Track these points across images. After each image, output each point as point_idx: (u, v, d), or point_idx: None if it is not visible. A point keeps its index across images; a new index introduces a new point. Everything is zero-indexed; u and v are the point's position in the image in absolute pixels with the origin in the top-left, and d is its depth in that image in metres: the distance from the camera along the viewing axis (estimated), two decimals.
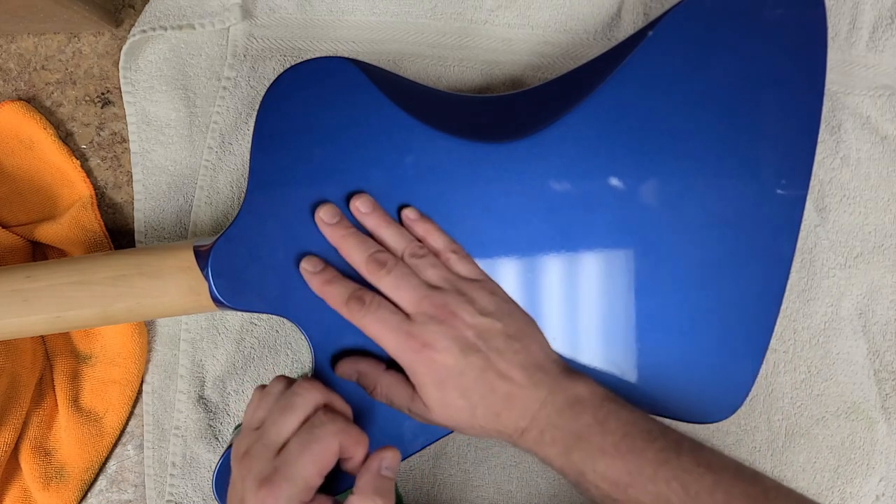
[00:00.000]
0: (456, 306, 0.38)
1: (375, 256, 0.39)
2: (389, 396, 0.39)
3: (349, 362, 0.40)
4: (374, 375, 0.40)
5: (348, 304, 0.38)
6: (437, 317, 0.37)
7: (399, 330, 0.37)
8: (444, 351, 0.37)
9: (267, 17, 0.49)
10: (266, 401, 0.38)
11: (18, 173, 0.50)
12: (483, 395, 0.37)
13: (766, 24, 0.42)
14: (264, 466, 0.34)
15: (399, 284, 0.38)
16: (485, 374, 0.37)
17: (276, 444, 0.35)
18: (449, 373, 0.37)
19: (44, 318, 0.41)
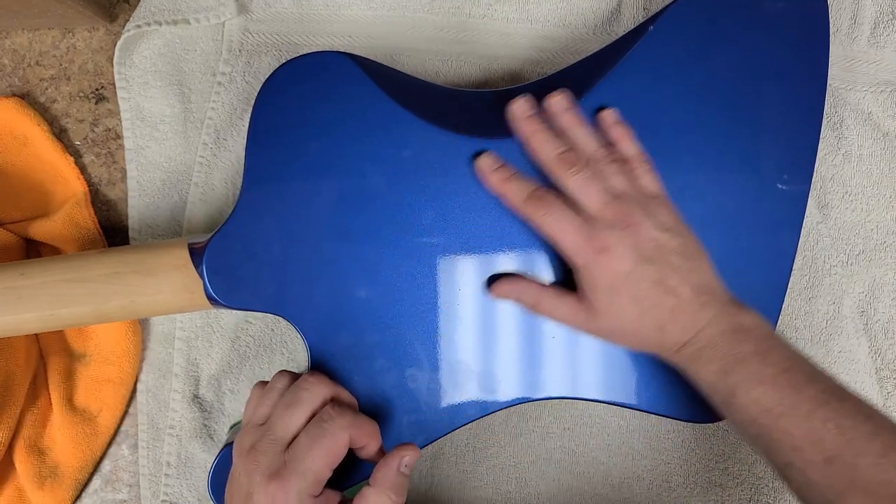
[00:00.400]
0: (638, 217, 0.38)
1: (565, 155, 0.39)
2: (553, 310, 0.40)
3: (508, 282, 0.41)
4: (537, 292, 0.40)
5: (528, 202, 0.39)
6: (619, 224, 0.38)
7: (579, 231, 0.38)
8: (622, 257, 0.37)
9: (262, 11, 0.49)
10: (270, 396, 0.38)
11: (12, 170, 0.49)
12: (652, 305, 0.38)
13: (768, 19, 0.42)
14: (273, 461, 0.34)
15: (585, 186, 0.38)
16: (657, 286, 0.37)
17: (285, 438, 0.35)
18: (624, 279, 0.37)
19: (37, 316, 0.40)
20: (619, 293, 0.38)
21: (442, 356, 0.42)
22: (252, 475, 0.35)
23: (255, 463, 0.35)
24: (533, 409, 0.49)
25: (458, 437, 0.49)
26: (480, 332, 0.42)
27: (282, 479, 0.34)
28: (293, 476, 0.34)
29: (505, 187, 0.40)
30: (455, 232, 0.41)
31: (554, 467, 0.49)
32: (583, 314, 0.39)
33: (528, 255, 0.42)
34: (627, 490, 0.49)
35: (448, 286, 0.42)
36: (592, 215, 0.38)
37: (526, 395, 0.43)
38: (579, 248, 0.38)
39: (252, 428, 0.37)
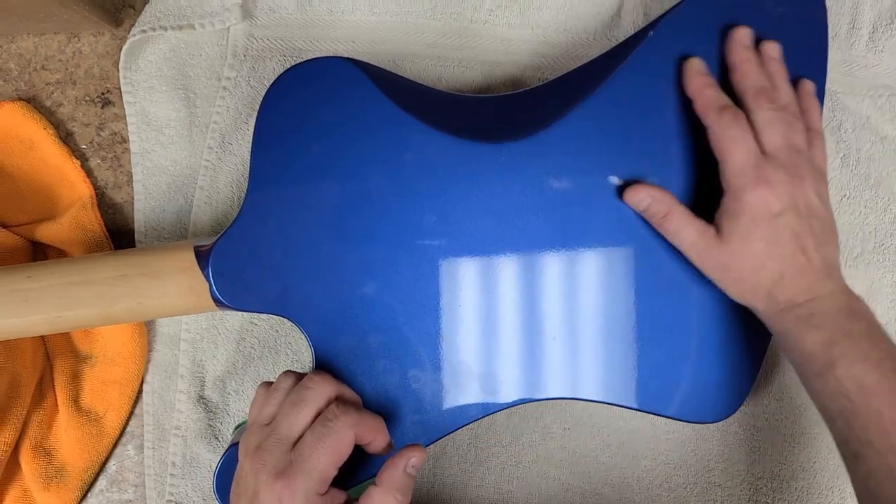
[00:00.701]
0: (806, 174, 0.39)
1: (768, 91, 0.40)
2: (679, 226, 0.40)
3: (643, 187, 0.41)
4: (669, 203, 0.41)
5: (721, 111, 0.40)
6: (788, 169, 0.39)
7: (751, 154, 0.39)
8: (778, 197, 0.38)
9: (267, 17, 0.49)
10: (275, 396, 0.38)
11: (18, 173, 0.50)
12: (782, 254, 0.38)
13: (767, 24, 0.42)
14: (280, 460, 0.35)
15: (775, 123, 0.39)
16: (795, 239, 0.38)
17: (291, 437, 0.36)
18: (769, 217, 0.38)
19: (44, 318, 0.41)
20: (759, 228, 0.38)
21: (444, 357, 0.42)
22: (258, 474, 0.35)
23: (261, 462, 0.35)
24: (534, 410, 0.50)
25: (460, 437, 0.50)
26: (482, 333, 0.42)
27: (288, 478, 0.34)
28: (299, 475, 0.34)
29: (705, 91, 0.41)
30: (457, 234, 0.42)
31: (554, 467, 0.50)
32: (710, 237, 0.40)
33: (532, 259, 0.42)
34: (627, 490, 0.50)
35: (450, 288, 0.42)
36: (768, 151, 0.39)
37: (527, 395, 0.43)
38: (743, 170, 0.39)
39: (258, 428, 0.37)
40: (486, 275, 0.42)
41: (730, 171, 0.39)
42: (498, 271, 0.42)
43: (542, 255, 0.42)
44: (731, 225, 0.39)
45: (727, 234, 0.39)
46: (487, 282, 0.42)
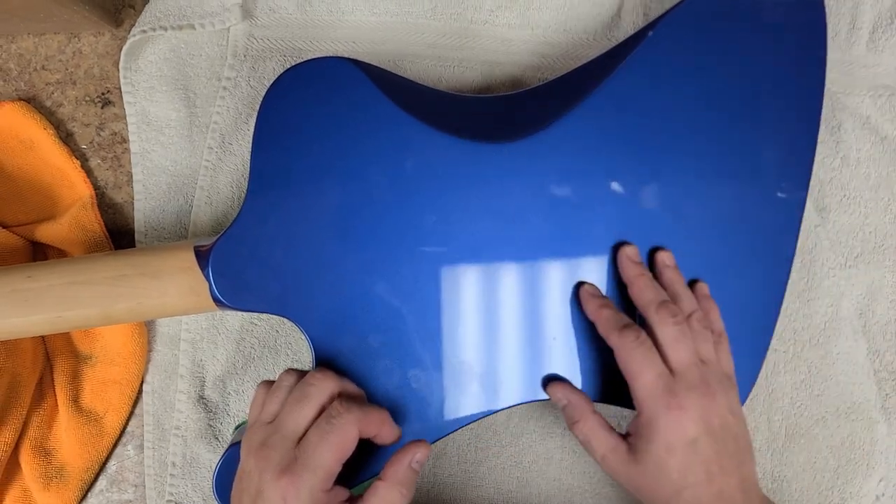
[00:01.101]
0: (716, 390, 0.38)
1: (669, 305, 0.39)
2: (589, 436, 0.40)
3: (563, 388, 0.42)
4: (582, 411, 0.40)
5: (622, 332, 0.39)
6: (699, 389, 0.38)
7: (660, 377, 0.38)
8: (693, 422, 0.37)
9: (267, 17, 0.50)
10: (278, 394, 0.38)
11: (18, 174, 0.50)
12: (699, 481, 0.37)
13: (766, 27, 0.42)
14: (284, 457, 0.35)
15: (680, 340, 0.39)
16: (710, 465, 0.37)
17: (296, 434, 0.36)
18: (685, 444, 0.37)
19: (44, 318, 0.41)
20: (674, 455, 0.37)
21: (445, 357, 0.42)
22: (262, 472, 0.35)
23: (265, 460, 0.35)
24: (534, 410, 0.50)
25: (461, 437, 0.50)
26: (483, 333, 0.42)
27: (293, 475, 0.34)
28: (304, 471, 0.34)
29: (600, 313, 0.40)
30: (457, 234, 0.42)
31: (555, 467, 0.50)
32: (623, 455, 0.39)
33: (533, 259, 0.42)
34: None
35: (450, 287, 0.42)
36: (676, 370, 0.38)
37: (528, 395, 0.43)
38: (654, 395, 0.38)
39: (260, 426, 0.37)
40: (486, 274, 0.42)
41: (640, 394, 0.38)
42: (498, 271, 0.42)
43: (542, 255, 0.42)
44: (645, 448, 0.38)
45: (641, 456, 0.38)
46: (488, 281, 0.42)
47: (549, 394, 0.42)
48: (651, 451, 0.38)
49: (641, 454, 0.38)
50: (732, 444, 0.38)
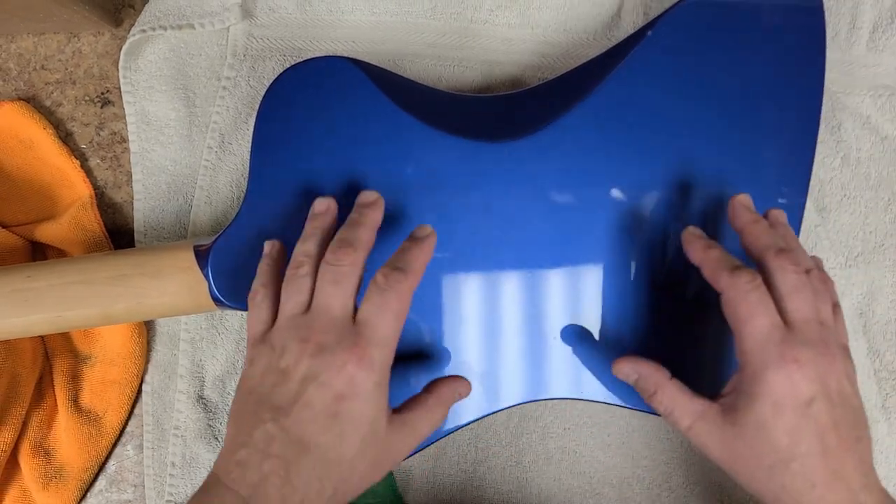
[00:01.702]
0: (836, 355, 0.33)
1: (790, 253, 0.35)
2: (671, 406, 0.35)
3: (629, 361, 0.38)
4: (658, 379, 0.36)
5: (732, 273, 0.34)
6: (817, 346, 0.33)
7: (774, 327, 0.33)
8: (808, 381, 0.32)
9: (267, 16, 0.50)
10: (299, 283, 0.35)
11: (18, 173, 0.50)
12: (812, 453, 0.32)
13: (765, 29, 0.42)
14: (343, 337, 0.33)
15: (802, 290, 0.34)
16: (825, 435, 0.32)
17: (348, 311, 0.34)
18: (796, 403, 0.32)
19: (44, 318, 0.41)
20: (783, 416, 0.32)
21: (445, 357, 0.42)
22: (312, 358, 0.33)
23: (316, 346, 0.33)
24: (534, 409, 0.50)
25: (461, 437, 0.50)
26: (483, 333, 0.43)
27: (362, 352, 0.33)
28: (372, 347, 0.33)
29: (710, 253, 0.36)
30: (457, 234, 0.42)
31: (554, 467, 0.50)
32: (716, 419, 0.34)
33: (533, 258, 0.42)
34: (627, 490, 0.50)
35: (450, 287, 0.42)
36: (794, 322, 0.33)
37: (528, 395, 0.43)
38: (765, 344, 0.33)
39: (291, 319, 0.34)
40: (486, 274, 0.42)
41: (749, 343, 0.33)
42: (498, 270, 0.42)
43: (541, 254, 0.42)
44: (746, 408, 0.33)
45: (741, 419, 0.33)
46: (487, 281, 0.42)
47: (616, 373, 0.38)
48: (755, 409, 0.33)
49: (741, 414, 0.33)
50: (852, 415, 0.33)
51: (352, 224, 0.36)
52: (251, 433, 0.32)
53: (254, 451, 0.32)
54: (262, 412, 0.33)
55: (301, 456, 0.32)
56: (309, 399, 0.32)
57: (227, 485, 0.31)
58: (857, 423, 0.34)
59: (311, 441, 0.32)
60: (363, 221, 0.37)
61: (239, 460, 0.32)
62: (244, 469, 0.32)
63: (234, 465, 0.32)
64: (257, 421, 0.32)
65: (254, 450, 0.32)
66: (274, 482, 0.31)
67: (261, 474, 0.31)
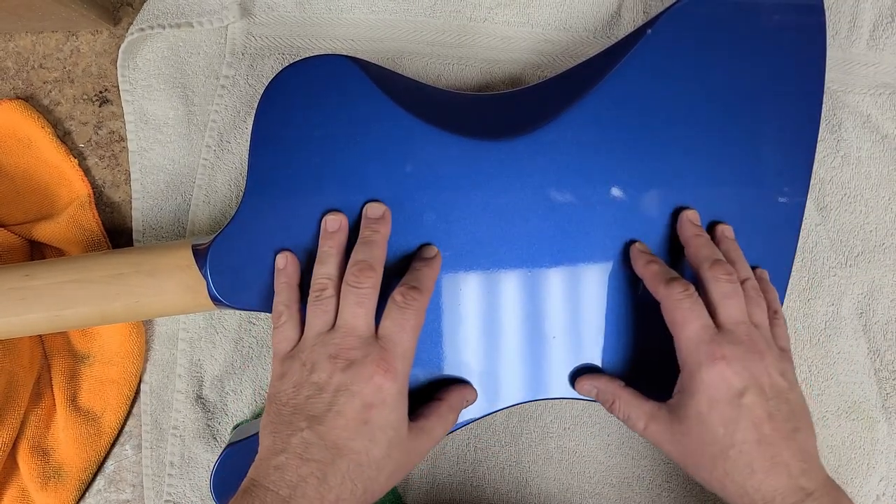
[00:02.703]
0: (766, 352, 0.37)
1: (724, 264, 0.38)
2: (627, 411, 0.39)
3: (588, 378, 0.42)
4: (613, 390, 0.40)
5: (669, 283, 0.38)
6: (746, 345, 0.36)
7: (705, 329, 0.37)
8: (737, 375, 0.35)
9: (265, 15, 0.49)
10: (326, 304, 0.38)
11: (16, 172, 0.50)
12: (746, 440, 0.35)
13: (766, 27, 0.42)
14: (369, 351, 0.36)
15: (733, 296, 0.37)
16: (760, 425, 0.35)
17: (371, 329, 0.38)
18: (729, 397, 0.35)
19: (42, 317, 0.41)
20: (717, 408, 0.35)
21: (444, 356, 0.42)
22: (344, 372, 0.36)
23: (346, 361, 0.36)
24: (533, 409, 0.50)
25: (460, 437, 0.50)
26: (483, 333, 0.42)
27: (388, 364, 0.36)
28: (396, 360, 0.37)
29: (648, 268, 0.40)
30: (456, 232, 0.41)
31: (554, 467, 0.50)
32: (665, 419, 0.38)
33: (532, 256, 0.42)
34: (627, 490, 0.50)
35: (449, 286, 0.42)
36: (724, 325, 0.37)
37: (528, 395, 0.43)
38: (697, 345, 0.36)
39: (318, 337, 0.38)
40: (485, 273, 0.42)
41: (683, 345, 0.37)
42: (497, 269, 0.42)
43: (541, 253, 0.42)
44: (687, 405, 0.36)
45: (683, 415, 0.37)
46: (487, 280, 0.42)
47: (578, 390, 0.42)
48: (693, 405, 0.36)
49: (684, 411, 0.37)
50: (785, 406, 0.36)
51: (366, 243, 0.39)
52: (289, 440, 0.35)
53: (292, 455, 0.35)
54: (297, 421, 0.36)
55: (336, 459, 0.35)
56: (341, 408, 0.35)
57: (267, 486, 0.34)
58: (793, 415, 0.36)
59: (345, 446, 0.35)
60: (375, 239, 0.39)
61: (277, 465, 0.35)
62: (283, 472, 0.34)
63: (273, 469, 0.35)
64: (294, 429, 0.35)
65: (292, 455, 0.35)
66: (312, 483, 0.34)
67: (299, 476, 0.34)
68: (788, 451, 0.35)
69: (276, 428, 0.36)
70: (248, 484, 0.35)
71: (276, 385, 0.38)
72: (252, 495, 0.34)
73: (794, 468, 0.35)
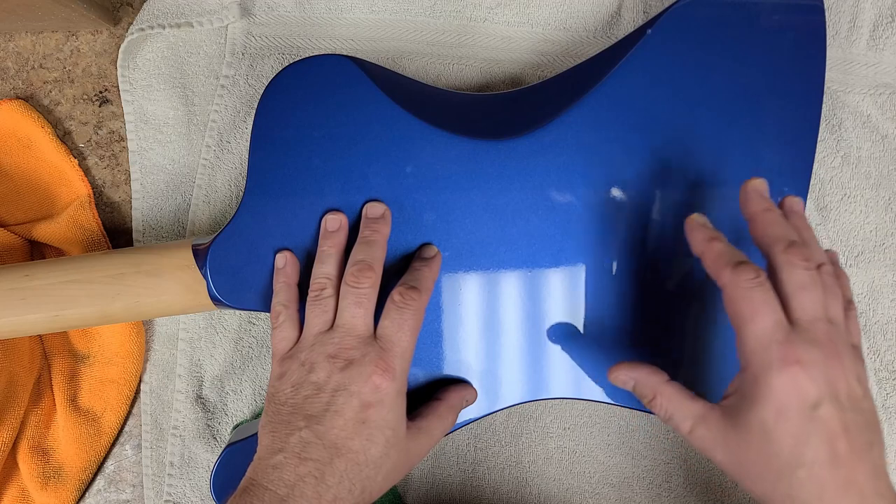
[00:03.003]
0: (845, 356, 0.32)
1: (802, 248, 0.33)
2: (670, 409, 0.35)
3: (625, 367, 0.37)
4: (656, 384, 0.35)
5: (737, 269, 0.32)
6: (824, 346, 0.31)
7: (778, 326, 0.31)
8: (812, 381, 0.31)
9: (265, 15, 0.49)
10: (325, 304, 0.38)
11: (16, 172, 0.50)
12: (819, 460, 0.30)
13: (766, 28, 0.42)
14: (369, 351, 0.37)
15: (811, 287, 0.32)
16: (835, 441, 0.30)
17: (370, 330, 0.38)
18: (802, 407, 0.31)
19: (42, 317, 0.41)
20: (788, 421, 0.31)
21: (444, 356, 0.42)
22: (342, 372, 0.36)
23: (346, 360, 0.36)
24: (533, 409, 0.50)
25: (460, 437, 0.50)
26: (483, 333, 0.42)
27: (386, 364, 0.36)
28: (395, 359, 0.37)
29: (713, 246, 0.34)
30: (456, 232, 0.41)
31: (554, 467, 0.50)
32: (717, 424, 0.33)
33: (533, 256, 0.42)
34: (627, 490, 0.50)
35: (449, 286, 0.42)
36: (799, 321, 0.32)
37: (528, 395, 0.43)
38: (768, 345, 0.31)
39: (317, 337, 0.38)
40: (485, 273, 0.42)
41: (750, 343, 0.32)
42: (497, 269, 0.42)
43: (541, 253, 0.42)
44: (749, 412, 0.32)
45: (744, 423, 0.32)
46: (487, 280, 0.42)
47: (613, 380, 0.37)
48: (757, 413, 0.31)
49: (744, 418, 0.32)
50: (863, 419, 0.31)
51: (366, 242, 0.39)
52: (287, 440, 0.35)
53: (290, 455, 0.35)
54: (296, 421, 0.36)
55: (334, 459, 0.35)
56: (340, 408, 0.35)
57: (265, 485, 0.34)
58: (869, 427, 0.32)
59: (343, 445, 0.35)
60: (375, 239, 0.39)
61: (275, 464, 0.35)
62: (281, 471, 0.34)
63: (271, 468, 0.35)
64: (292, 429, 0.35)
65: (290, 454, 0.35)
66: (310, 482, 0.34)
67: (297, 475, 0.34)
68: (863, 472, 0.31)
69: (275, 427, 0.36)
70: (246, 483, 0.35)
71: (275, 384, 0.38)
72: (250, 494, 0.34)
73: (868, 489, 0.31)
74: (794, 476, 0.31)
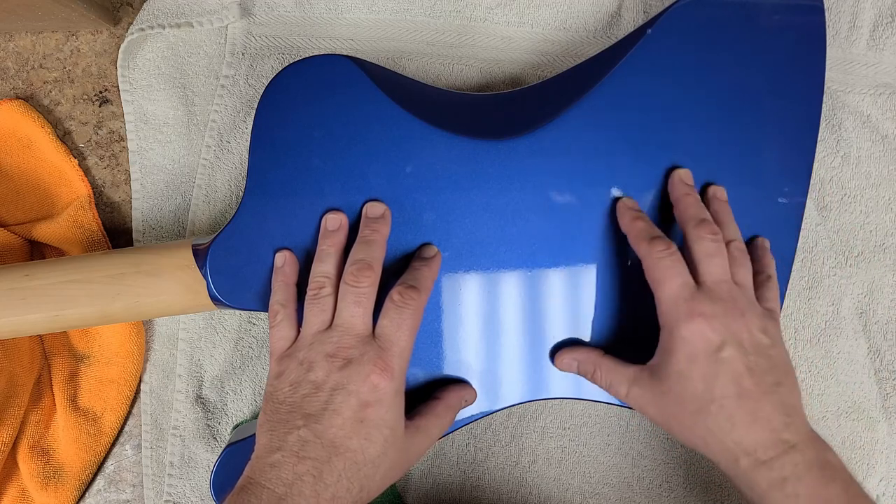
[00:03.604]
0: (746, 311, 0.37)
1: (711, 224, 0.38)
2: (609, 378, 0.39)
3: (567, 351, 0.41)
4: (593, 360, 0.40)
5: (652, 241, 0.38)
6: (726, 304, 0.36)
7: (685, 287, 0.37)
8: (716, 331, 0.35)
9: (265, 15, 0.49)
10: (323, 303, 0.38)
11: (16, 172, 0.50)
12: (726, 395, 0.35)
13: (765, 28, 0.42)
14: (367, 349, 0.37)
15: (716, 255, 0.37)
16: (740, 379, 0.35)
17: (369, 329, 0.38)
18: (708, 352, 0.35)
19: (42, 317, 0.41)
20: (697, 365, 0.35)
21: (444, 356, 0.42)
22: (341, 370, 0.36)
23: (344, 359, 0.36)
24: (533, 409, 0.50)
25: (460, 437, 0.50)
26: (482, 333, 0.42)
27: (385, 363, 0.36)
28: (393, 358, 0.37)
29: (634, 224, 0.40)
30: (456, 232, 0.41)
31: (554, 467, 0.50)
32: (646, 381, 0.38)
33: (532, 256, 0.42)
34: (627, 490, 0.50)
35: (449, 286, 0.42)
36: (705, 282, 0.37)
37: (528, 395, 0.43)
38: (676, 302, 0.37)
39: (316, 336, 0.38)
40: (484, 273, 0.42)
41: (664, 303, 0.37)
42: (497, 269, 0.42)
43: (540, 253, 0.42)
44: (667, 364, 0.37)
45: (665, 375, 0.37)
46: (486, 280, 0.42)
47: (558, 366, 0.42)
48: (673, 363, 0.36)
49: (664, 371, 0.37)
50: (766, 361, 0.36)
51: (365, 242, 0.39)
52: (285, 438, 0.35)
53: (288, 454, 0.35)
54: (294, 420, 0.36)
55: (332, 457, 0.35)
56: (338, 407, 0.35)
57: (263, 484, 0.34)
58: (775, 369, 0.36)
59: (341, 444, 0.35)
60: (375, 238, 0.39)
61: (273, 462, 0.35)
62: (279, 470, 0.34)
63: (269, 466, 0.35)
64: (291, 427, 0.35)
65: (288, 453, 0.35)
66: (308, 481, 0.34)
67: (295, 474, 0.34)
68: (770, 405, 0.35)
69: (273, 426, 0.36)
70: (244, 482, 0.35)
71: (273, 383, 0.38)
72: (248, 493, 0.34)
73: (776, 422, 0.35)
74: (707, 411, 0.35)
